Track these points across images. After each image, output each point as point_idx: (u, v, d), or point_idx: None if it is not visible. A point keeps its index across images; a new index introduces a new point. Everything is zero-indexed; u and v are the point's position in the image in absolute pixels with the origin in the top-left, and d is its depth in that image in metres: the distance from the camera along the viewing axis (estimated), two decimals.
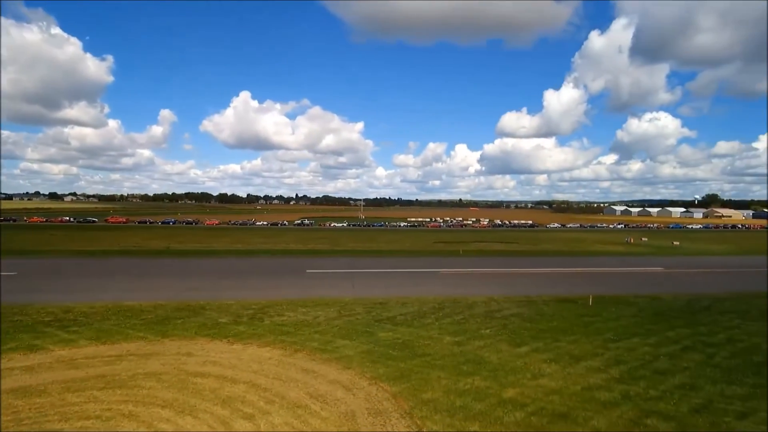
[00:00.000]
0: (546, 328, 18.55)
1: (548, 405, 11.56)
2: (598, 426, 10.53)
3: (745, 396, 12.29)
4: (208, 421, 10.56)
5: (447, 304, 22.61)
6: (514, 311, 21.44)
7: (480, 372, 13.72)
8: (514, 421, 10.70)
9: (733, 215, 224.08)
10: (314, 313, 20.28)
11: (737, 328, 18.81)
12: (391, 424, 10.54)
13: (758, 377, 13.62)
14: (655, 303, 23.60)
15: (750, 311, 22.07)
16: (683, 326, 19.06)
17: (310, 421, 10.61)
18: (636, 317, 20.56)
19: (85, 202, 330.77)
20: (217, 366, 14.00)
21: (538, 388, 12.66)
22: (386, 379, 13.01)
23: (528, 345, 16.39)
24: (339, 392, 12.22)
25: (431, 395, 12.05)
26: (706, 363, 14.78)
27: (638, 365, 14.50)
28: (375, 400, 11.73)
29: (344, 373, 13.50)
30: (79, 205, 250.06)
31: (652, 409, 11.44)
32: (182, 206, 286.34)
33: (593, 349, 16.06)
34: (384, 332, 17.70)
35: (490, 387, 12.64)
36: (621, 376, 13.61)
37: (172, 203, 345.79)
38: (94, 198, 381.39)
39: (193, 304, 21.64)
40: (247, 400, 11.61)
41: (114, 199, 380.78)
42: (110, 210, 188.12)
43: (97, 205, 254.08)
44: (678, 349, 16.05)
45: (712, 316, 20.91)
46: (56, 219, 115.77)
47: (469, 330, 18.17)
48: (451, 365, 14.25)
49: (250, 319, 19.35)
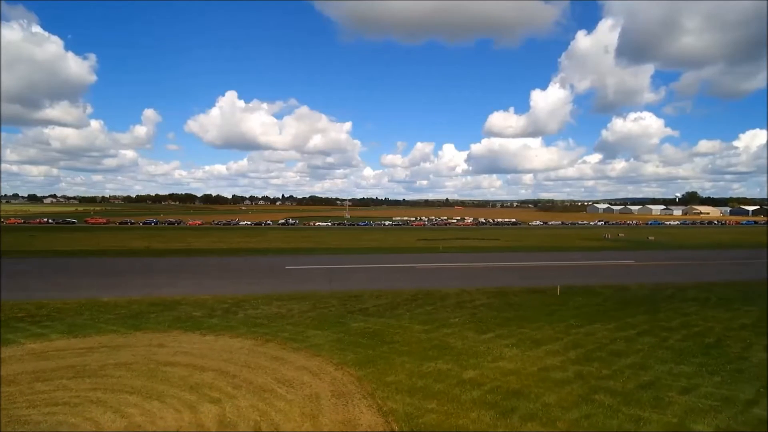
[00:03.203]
0: (512, 317, 19.21)
1: (504, 384, 12.14)
2: (548, 401, 11.12)
3: (691, 374, 13.04)
4: (175, 404, 10.87)
5: (420, 296, 23.16)
6: (484, 301, 22.09)
7: (444, 356, 14.26)
8: (470, 399, 11.24)
9: (711, 212, 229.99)
10: (289, 306, 20.64)
11: (694, 314, 19.71)
12: (354, 404, 10.98)
13: (706, 357, 14.42)
14: (620, 292, 24.50)
15: (710, 299, 23.07)
16: (643, 313, 19.91)
17: (275, 403, 10.99)
18: (600, 305, 21.38)
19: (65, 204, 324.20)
20: (188, 356, 14.28)
21: (497, 369, 13.24)
22: (353, 365, 13.46)
23: (493, 332, 16.99)
24: (306, 377, 12.63)
25: (394, 378, 12.53)
26: (659, 345, 15.55)
27: (595, 348, 15.20)
28: (340, 384, 12.17)
29: (312, 360, 13.91)
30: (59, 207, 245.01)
31: (601, 386, 12.09)
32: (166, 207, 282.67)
33: (555, 334, 16.74)
34: (356, 322, 18.14)
35: (452, 369, 13.18)
36: (577, 357, 14.27)
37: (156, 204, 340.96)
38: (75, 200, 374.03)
39: (168, 300, 21.81)
40: (215, 386, 11.94)
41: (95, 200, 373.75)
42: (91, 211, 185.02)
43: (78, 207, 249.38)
44: (634, 334, 16.82)
45: (673, 304, 21.83)
46: (34, 220, 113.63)
47: (438, 319, 18.72)
48: (417, 351, 14.76)
49: (224, 312, 19.61)
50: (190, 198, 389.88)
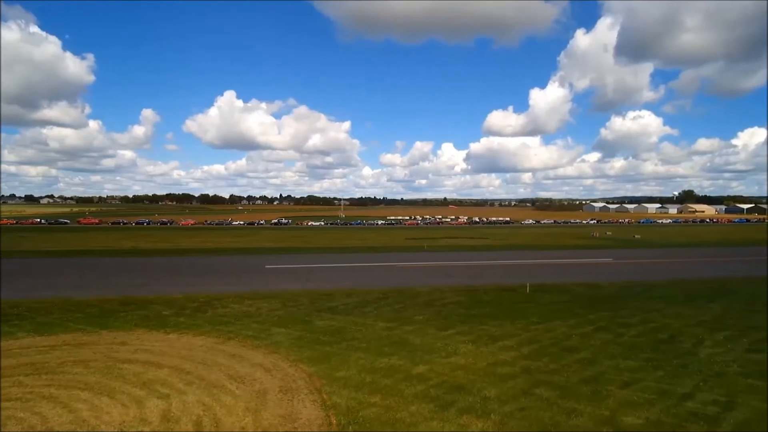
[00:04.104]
0: (477, 314, 19.51)
1: (450, 379, 12.44)
2: (488, 395, 11.43)
3: (636, 368, 13.36)
4: (124, 400, 11.13)
5: (392, 294, 23.44)
6: (454, 299, 22.40)
7: (399, 353, 14.55)
8: (413, 393, 11.54)
9: (706, 210, 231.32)
10: (258, 305, 20.90)
11: (656, 311, 20.05)
12: (299, 399, 11.25)
13: (655, 352, 14.75)
14: (591, 290, 24.85)
15: (677, 296, 23.43)
16: (607, 310, 20.25)
17: (222, 398, 11.26)
18: (567, 303, 21.71)
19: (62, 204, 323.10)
20: (147, 353, 14.53)
21: (448, 364, 13.54)
22: (307, 361, 13.74)
23: (454, 329, 17.30)
24: (258, 373, 12.90)
25: (345, 373, 12.82)
26: (613, 341, 15.88)
27: (549, 344, 15.52)
28: (290, 380, 12.44)
29: (269, 357, 14.18)
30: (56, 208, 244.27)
31: (544, 380, 12.40)
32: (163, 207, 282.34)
33: (514, 330, 17.05)
34: (321, 320, 18.42)
35: (403, 365, 13.48)
36: (529, 353, 14.59)
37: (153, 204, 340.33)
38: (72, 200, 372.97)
39: (140, 299, 22.03)
40: (167, 382, 12.20)
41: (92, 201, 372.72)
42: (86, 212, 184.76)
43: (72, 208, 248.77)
44: (591, 330, 17.15)
45: (639, 301, 22.18)
46: (27, 221, 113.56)
47: (403, 317, 19.01)
48: (374, 347, 15.05)
49: (193, 311, 19.86)
50: (188, 198, 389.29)
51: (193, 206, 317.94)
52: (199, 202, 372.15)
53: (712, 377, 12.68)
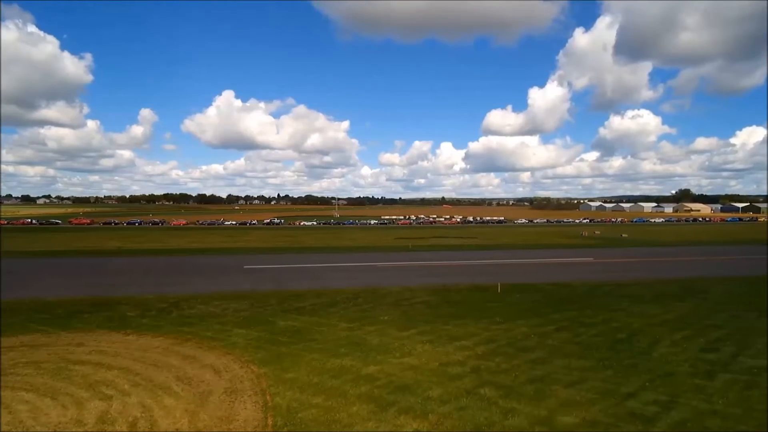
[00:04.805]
0: (443, 314, 19.54)
1: (398, 379, 12.46)
2: (431, 395, 11.46)
3: (587, 368, 13.41)
4: (65, 401, 11.12)
5: (363, 294, 23.45)
6: (423, 299, 22.42)
7: (353, 353, 14.55)
8: (357, 394, 11.56)
9: (702, 209, 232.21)
10: (225, 306, 20.87)
11: (622, 310, 20.11)
12: (241, 400, 11.25)
13: (610, 352, 14.81)
14: (562, 289, 24.91)
15: (647, 295, 23.50)
16: (573, 309, 20.31)
17: (164, 400, 11.26)
18: (535, 302, 21.76)
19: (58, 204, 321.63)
20: (102, 354, 14.51)
21: (400, 365, 13.56)
22: (259, 362, 13.73)
23: (415, 329, 17.31)
24: (207, 375, 12.89)
25: (294, 375, 12.83)
26: (570, 340, 15.93)
27: (506, 343, 15.56)
28: (237, 381, 12.44)
29: (223, 358, 14.16)
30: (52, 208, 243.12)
31: (491, 380, 12.44)
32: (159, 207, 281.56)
33: (475, 330, 17.08)
34: (285, 321, 18.42)
35: (355, 365, 13.49)
36: (483, 353, 14.62)
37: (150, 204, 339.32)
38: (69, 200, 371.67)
39: (109, 299, 21.97)
40: (113, 384, 12.18)
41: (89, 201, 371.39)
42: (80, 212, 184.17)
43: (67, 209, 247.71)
44: (552, 329, 17.20)
45: (607, 300, 22.25)
46: (18, 221, 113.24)
47: (368, 317, 19.03)
48: (330, 348, 15.06)
49: (158, 312, 19.82)
50: (185, 198, 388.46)
51: (190, 206, 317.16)
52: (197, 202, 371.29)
53: (660, 377, 12.74)
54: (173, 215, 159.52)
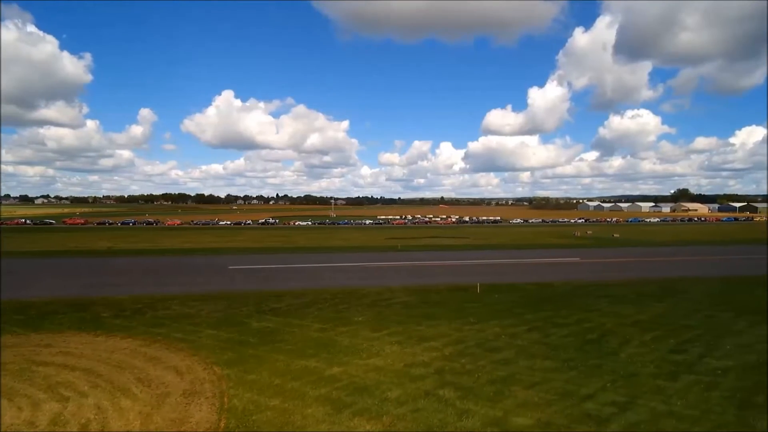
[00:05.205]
0: (418, 314, 19.50)
1: (360, 380, 12.43)
2: (389, 396, 11.44)
3: (551, 369, 13.39)
4: (21, 403, 11.08)
5: (341, 295, 23.39)
6: (401, 300, 22.38)
7: (320, 354, 14.52)
8: (316, 395, 11.53)
9: (699, 209, 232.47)
10: (201, 306, 20.81)
11: (597, 311, 20.10)
12: (197, 402, 11.21)
13: (578, 353, 14.79)
14: (542, 289, 24.89)
15: (627, 295, 23.47)
16: (549, 309, 20.28)
17: (120, 402, 11.22)
18: (513, 302, 21.72)
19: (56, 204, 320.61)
20: (67, 356, 14.45)
21: (364, 366, 13.53)
22: (224, 364, 13.69)
23: (388, 329, 17.28)
24: (169, 376, 12.85)
25: (256, 376, 12.79)
26: (540, 341, 15.91)
27: (475, 344, 15.53)
28: (198, 382, 12.40)
29: (188, 360, 14.12)
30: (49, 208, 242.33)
31: (453, 381, 12.41)
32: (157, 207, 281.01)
33: (447, 331, 17.05)
34: (258, 322, 18.37)
35: (319, 367, 13.46)
36: (450, 353, 14.59)
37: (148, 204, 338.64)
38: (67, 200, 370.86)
39: (85, 300, 21.88)
40: (73, 385, 12.14)
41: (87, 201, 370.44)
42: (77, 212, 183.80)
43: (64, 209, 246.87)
44: (523, 330, 17.17)
45: (585, 300, 22.22)
46: (12, 222, 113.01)
47: (343, 318, 18.98)
48: (298, 349, 15.02)
49: (133, 313, 19.76)
50: (183, 198, 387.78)
51: (188, 206, 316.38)
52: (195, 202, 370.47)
53: (623, 378, 12.73)
54: (170, 215, 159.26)
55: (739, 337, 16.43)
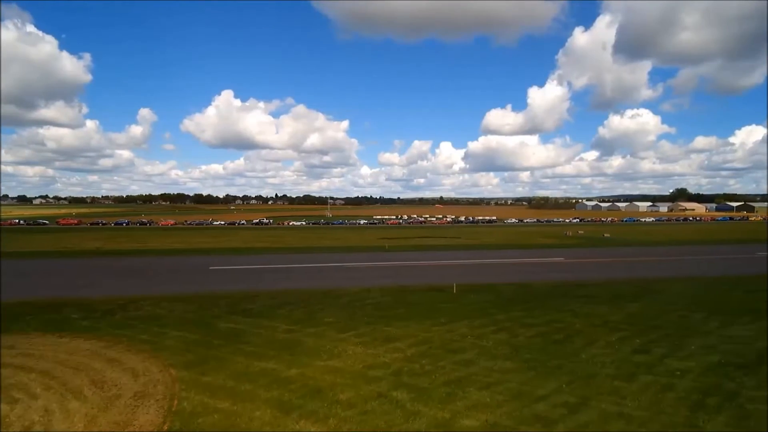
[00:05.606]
0: (390, 315, 19.44)
1: (315, 382, 12.37)
2: (340, 398, 11.38)
3: (510, 370, 13.34)
4: None
5: (318, 295, 23.32)
6: (376, 300, 22.31)
7: (282, 356, 14.46)
8: (266, 398, 11.46)
9: (696, 209, 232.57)
10: (173, 307, 20.72)
11: (570, 311, 20.04)
12: (146, 405, 11.14)
13: (540, 353, 14.73)
14: (519, 289, 24.83)
15: (602, 296, 23.43)
16: (521, 310, 20.24)
17: (69, 404, 11.15)
18: (487, 303, 21.67)
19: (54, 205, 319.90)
20: (27, 357, 14.36)
21: (323, 368, 13.47)
22: (182, 366, 13.61)
23: (356, 330, 17.21)
24: (124, 379, 12.77)
25: (211, 378, 12.71)
26: (506, 342, 15.85)
27: (439, 345, 15.48)
28: (151, 385, 12.32)
29: (147, 362, 14.03)
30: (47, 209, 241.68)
31: (408, 382, 12.35)
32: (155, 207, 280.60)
33: (414, 332, 16.99)
34: (227, 323, 18.29)
35: (277, 369, 13.39)
36: (412, 354, 14.54)
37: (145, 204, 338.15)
38: (65, 200, 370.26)
39: (58, 301, 21.76)
40: (26, 387, 12.06)
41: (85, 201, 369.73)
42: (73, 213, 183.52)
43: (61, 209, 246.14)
44: (491, 330, 17.12)
45: (560, 300, 22.17)
46: (5, 222, 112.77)
47: (313, 319, 18.91)
48: (260, 351, 14.94)
49: (103, 314, 19.67)
50: (181, 198, 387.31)
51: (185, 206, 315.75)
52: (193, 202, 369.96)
53: (581, 379, 12.68)
54: (166, 215, 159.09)
55: (706, 337, 16.40)
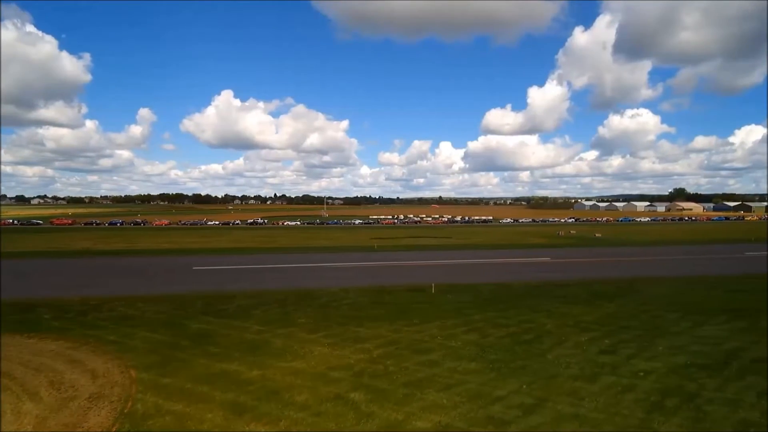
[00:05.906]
0: (364, 315, 19.36)
1: (273, 384, 12.31)
2: (296, 400, 11.32)
3: (473, 371, 13.29)
4: None
5: (295, 296, 23.23)
6: (353, 301, 22.24)
7: (245, 357, 14.38)
8: (221, 400, 11.40)
9: (694, 208, 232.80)
10: (147, 308, 20.61)
11: (545, 311, 19.99)
12: (99, 406, 11.08)
13: (507, 354, 14.69)
14: (498, 289, 24.77)
15: (580, 295, 23.38)
16: (497, 310, 20.19)
17: (22, 406, 11.08)
18: (464, 303, 21.61)
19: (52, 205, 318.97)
20: None
21: (285, 369, 13.40)
22: (144, 367, 13.54)
23: (326, 331, 17.15)
24: (83, 380, 12.69)
25: (171, 380, 12.63)
26: (474, 342, 15.79)
27: (406, 345, 15.42)
28: (108, 386, 12.25)
29: (109, 363, 13.94)
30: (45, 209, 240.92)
31: (368, 383, 12.30)
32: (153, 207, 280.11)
33: (384, 332, 16.93)
34: (198, 324, 18.20)
35: (239, 370, 13.32)
36: (378, 355, 14.48)
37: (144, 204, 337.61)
38: (64, 200, 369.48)
39: (32, 301, 21.61)
40: None
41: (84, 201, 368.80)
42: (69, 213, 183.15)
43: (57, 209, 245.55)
44: (462, 331, 17.07)
45: (537, 300, 22.11)
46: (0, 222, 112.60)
47: (286, 319, 18.83)
48: (225, 352, 14.87)
49: (76, 314, 19.56)
50: (180, 198, 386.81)
51: (183, 206, 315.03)
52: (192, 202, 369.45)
53: (542, 379, 12.63)
54: (163, 215, 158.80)
55: (676, 338, 16.36)
